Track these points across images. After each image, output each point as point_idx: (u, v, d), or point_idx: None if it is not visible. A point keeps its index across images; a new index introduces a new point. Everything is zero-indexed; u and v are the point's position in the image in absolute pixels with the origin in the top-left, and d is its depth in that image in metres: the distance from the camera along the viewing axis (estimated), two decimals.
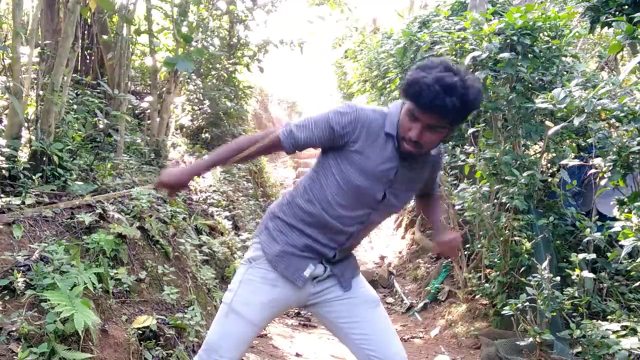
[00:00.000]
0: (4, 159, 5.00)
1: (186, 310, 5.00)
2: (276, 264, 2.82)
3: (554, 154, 6.43)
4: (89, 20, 9.02)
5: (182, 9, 9.02)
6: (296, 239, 2.82)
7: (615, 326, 4.25)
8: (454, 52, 6.91)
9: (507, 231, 6.08)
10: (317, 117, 2.73)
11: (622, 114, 4.85)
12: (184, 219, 6.61)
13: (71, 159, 5.78)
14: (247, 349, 2.85)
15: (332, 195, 2.73)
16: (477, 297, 6.94)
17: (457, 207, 6.89)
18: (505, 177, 5.89)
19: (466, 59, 6.36)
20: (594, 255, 4.93)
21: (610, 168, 4.81)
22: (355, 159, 2.67)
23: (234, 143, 2.82)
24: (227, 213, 8.91)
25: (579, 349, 4.91)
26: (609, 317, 4.72)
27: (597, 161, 4.99)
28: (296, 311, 7.52)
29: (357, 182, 2.67)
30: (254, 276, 2.86)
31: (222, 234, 7.82)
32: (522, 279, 5.54)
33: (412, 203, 10.79)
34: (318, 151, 2.85)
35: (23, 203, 4.61)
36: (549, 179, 6.44)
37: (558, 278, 4.94)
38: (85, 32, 9.26)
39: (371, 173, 2.68)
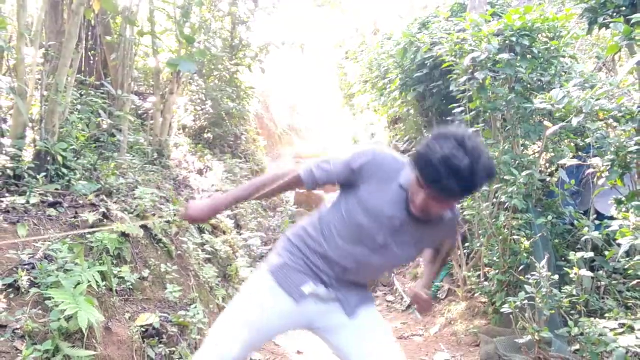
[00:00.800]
0: (9, 158, 5.01)
1: (189, 308, 5.00)
2: (276, 275, 2.87)
3: (553, 154, 6.42)
4: (92, 22, 9.00)
5: (184, 11, 9.02)
6: (298, 257, 2.88)
7: (613, 324, 4.24)
8: (453, 53, 6.91)
9: (506, 230, 6.07)
10: (338, 157, 2.85)
11: (620, 114, 4.85)
12: None
13: (75, 159, 5.78)
14: (242, 352, 2.79)
15: (335, 226, 2.79)
16: (476, 295, 6.94)
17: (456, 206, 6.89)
18: (505, 177, 5.89)
19: (465, 59, 6.36)
20: (592, 254, 4.93)
21: (608, 168, 4.81)
22: (363, 197, 2.72)
23: (257, 181, 3.00)
24: (229, 212, 8.91)
25: (577, 346, 4.91)
26: (606, 315, 4.71)
27: (595, 161, 4.99)
28: None
29: (359, 218, 2.71)
30: (257, 282, 2.93)
31: (224, 232, 7.82)
32: (521, 277, 5.54)
33: None
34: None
35: (28, 202, 4.61)
36: (548, 179, 6.44)
37: (556, 276, 4.94)
38: (89, 33, 9.25)
39: (374, 214, 2.70)
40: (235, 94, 13.16)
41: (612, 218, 4.88)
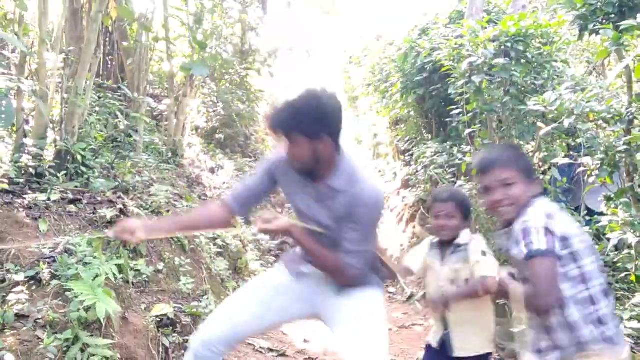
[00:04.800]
0: (31, 157, 5.02)
1: (201, 299, 5.01)
2: (283, 259, 3.16)
3: (546, 153, 6.39)
4: (110, 28, 9.03)
5: (197, 18, 9.03)
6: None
7: None
8: (451, 58, 6.89)
9: None
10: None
11: (609, 116, 4.83)
12: None
13: (94, 158, 5.79)
14: (247, 318, 2.95)
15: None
16: None
17: None
18: None
19: (463, 64, 6.34)
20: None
21: (598, 166, 4.79)
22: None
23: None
24: None
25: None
26: None
27: (586, 160, 4.98)
28: None
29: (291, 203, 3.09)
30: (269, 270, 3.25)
31: (234, 227, 7.82)
32: None
33: (412, 199, 10.80)
34: None
35: (49, 199, 4.62)
36: (541, 177, 6.42)
37: None
38: (107, 39, 9.28)
39: (293, 198, 3.00)
40: (245, 96, 13.18)
41: (601, 214, 4.87)
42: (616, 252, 4.70)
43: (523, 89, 6.36)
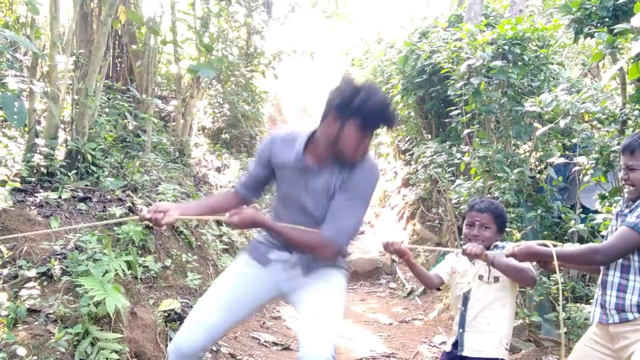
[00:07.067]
0: (42, 157, 5.02)
1: None
2: (248, 249, 3.08)
3: (542, 153, 6.40)
4: (119, 32, 9.04)
5: (204, 21, 9.03)
6: (266, 234, 3.02)
7: None
8: (450, 61, 6.89)
9: None
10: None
11: (604, 117, 4.84)
12: None
13: (103, 158, 5.80)
14: (223, 317, 2.83)
15: (278, 203, 3.12)
16: None
17: (453, 201, 6.87)
18: (498, 174, 5.87)
19: (462, 66, 6.35)
20: (578, 245, 4.91)
21: (593, 165, 4.79)
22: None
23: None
24: (244, 207, 8.90)
25: (564, 329, 4.90)
26: (591, 300, 4.70)
27: (581, 159, 4.97)
28: None
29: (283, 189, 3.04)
30: (235, 261, 3.13)
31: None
32: None
33: (412, 197, 10.79)
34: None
35: (59, 197, 4.63)
36: (537, 176, 6.42)
37: None
38: (116, 42, 9.28)
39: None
40: (250, 97, 13.16)
41: (596, 212, 4.86)
42: None
43: (520, 90, 6.36)
